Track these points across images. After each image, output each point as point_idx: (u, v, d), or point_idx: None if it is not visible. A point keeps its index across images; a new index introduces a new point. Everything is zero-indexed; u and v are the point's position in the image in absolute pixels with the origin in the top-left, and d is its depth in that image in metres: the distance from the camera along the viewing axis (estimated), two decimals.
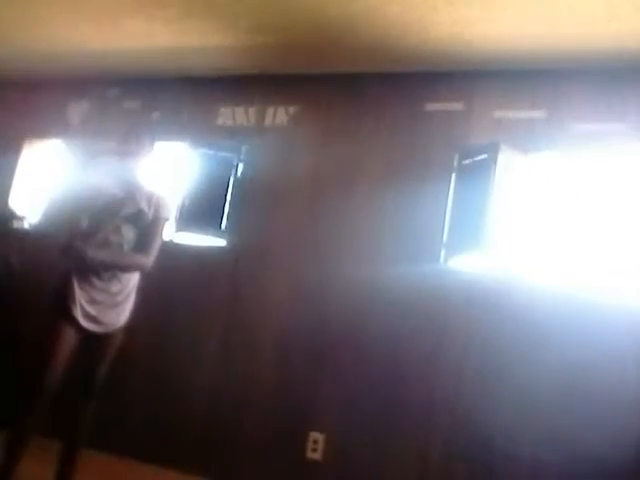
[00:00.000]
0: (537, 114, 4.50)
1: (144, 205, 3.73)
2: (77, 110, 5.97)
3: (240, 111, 5.39)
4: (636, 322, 3.94)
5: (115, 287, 3.68)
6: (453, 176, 4.56)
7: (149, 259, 3.71)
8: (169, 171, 5.45)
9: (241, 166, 5.22)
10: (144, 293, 3.93)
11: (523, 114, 4.53)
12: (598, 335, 3.98)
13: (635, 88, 4.28)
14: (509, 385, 4.11)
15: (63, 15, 4.84)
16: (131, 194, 3.74)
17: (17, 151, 6.16)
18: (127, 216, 3.68)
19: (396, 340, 4.49)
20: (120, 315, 3.73)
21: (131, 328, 3.82)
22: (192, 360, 5.02)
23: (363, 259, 4.70)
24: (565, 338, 4.05)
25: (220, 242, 5.14)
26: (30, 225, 5.82)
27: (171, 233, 5.15)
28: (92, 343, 3.65)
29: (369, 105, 4.99)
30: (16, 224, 5.79)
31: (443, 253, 4.47)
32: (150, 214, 3.74)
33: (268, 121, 5.28)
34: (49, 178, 6.00)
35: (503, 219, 4.29)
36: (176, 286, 5.15)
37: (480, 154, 4.41)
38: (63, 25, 5.00)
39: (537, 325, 4.14)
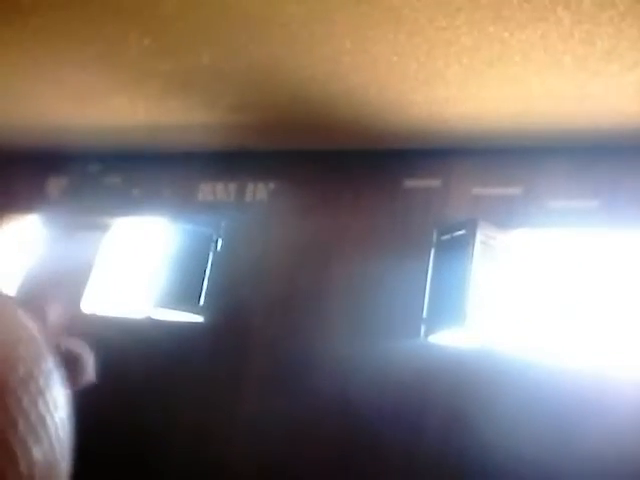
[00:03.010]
0: (514, 191, 4.56)
1: None
2: (57, 185, 5.98)
3: (220, 187, 5.42)
4: (621, 393, 3.92)
5: None
6: (432, 251, 4.58)
7: None
8: (148, 247, 5.44)
9: (220, 242, 5.22)
10: (116, 373, 3.86)
11: (500, 191, 4.60)
12: (583, 406, 3.95)
13: (608, 166, 4.37)
14: (494, 461, 4.03)
15: (46, 91, 4.89)
16: None
17: None
18: None
19: (377, 415, 4.41)
20: None
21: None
22: (163, 444, 4.89)
23: (343, 334, 4.67)
24: (550, 410, 4.01)
25: (198, 318, 5.09)
26: None
27: (149, 309, 5.10)
28: None
29: (348, 181, 5.04)
30: None
31: (423, 328, 4.45)
32: None
33: (248, 197, 5.31)
34: (26, 253, 5.95)
35: (482, 294, 4.29)
36: (151, 365, 5.06)
37: (459, 230, 4.45)
38: (46, 101, 5.05)
39: (521, 398, 4.10)
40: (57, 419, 0.49)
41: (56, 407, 0.49)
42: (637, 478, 3.76)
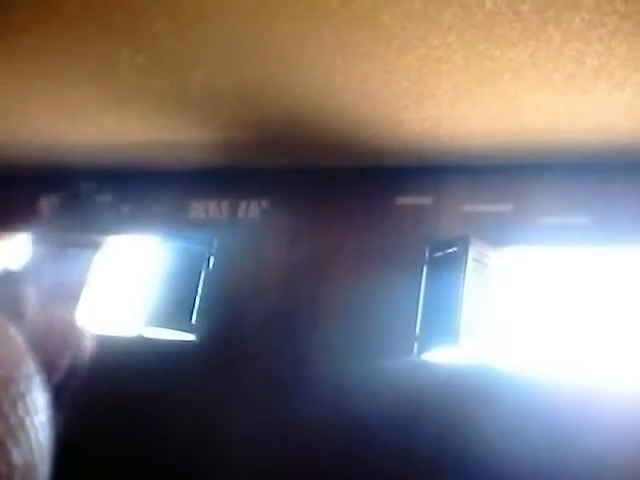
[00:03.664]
0: (505, 208, 4.58)
1: None
2: (47, 203, 5.95)
3: (213, 205, 5.42)
4: (616, 409, 3.91)
5: None
6: (424, 269, 4.58)
7: None
8: (139, 265, 5.42)
9: (213, 259, 5.21)
10: (107, 391, 3.83)
11: (491, 208, 4.61)
12: (577, 422, 3.94)
13: (599, 182, 4.39)
14: (487, 478, 4.02)
15: (37, 109, 4.89)
16: None
17: None
18: None
19: (370, 434, 4.39)
20: None
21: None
22: (156, 461, 4.85)
23: (336, 352, 4.65)
24: (544, 427, 4.00)
25: (190, 337, 5.06)
26: None
27: (140, 327, 5.07)
28: None
29: (341, 198, 5.05)
30: None
31: (416, 346, 4.44)
32: None
33: (241, 215, 5.31)
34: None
35: (475, 311, 4.29)
36: (142, 383, 5.03)
37: (451, 247, 4.45)
38: (37, 119, 5.05)
39: (514, 415, 4.09)
40: (37, 422, 0.49)
41: (36, 410, 0.49)
42: None
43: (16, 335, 0.51)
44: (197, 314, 5.07)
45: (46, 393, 0.51)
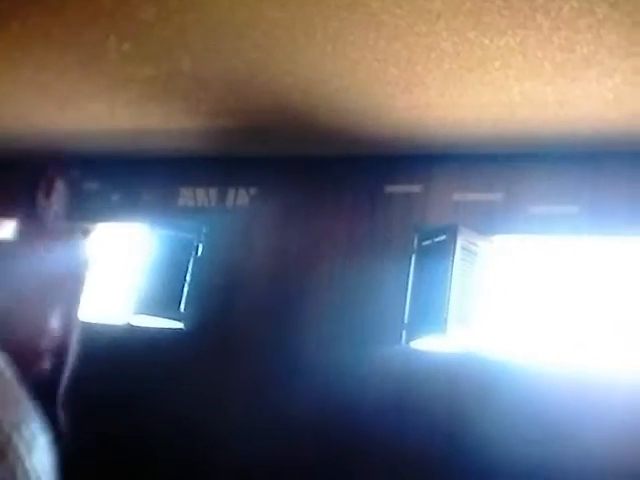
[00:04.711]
0: (494, 197, 4.58)
1: None
2: (35, 190, 5.92)
3: (201, 192, 5.39)
4: (607, 396, 3.94)
5: None
6: (413, 257, 4.58)
7: None
8: (127, 252, 5.40)
9: (201, 247, 5.19)
10: (95, 380, 3.81)
11: (481, 197, 4.61)
12: (567, 410, 3.96)
13: (588, 171, 4.40)
14: (477, 467, 4.04)
15: (25, 96, 4.85)
16: None
17: None
18: None
19: (358, 422, 4.41)
20: None
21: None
22: (145, 451, 4.85)
23: (325, 339, 4.66)
24: (534, 414, 4.03)
25: (178, 325, 5.06)
26: None
27: (128, 316, 5.06)
28: None
29: (329, 187, 5.04)
30: None
31: (404, 334, 4.45)
32: None
33: (229, 202, 5.29)
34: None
35: (463, 300, 4.30)
36: (131, 372, 5.02)
37: (439, 235, 4.46)
38: (24, 106, 5.01)
39: (503, 403, 4.11)
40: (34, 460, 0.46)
41: (37, 476, 0.46)
42: None
43: (19, 390, 0.49)
44: (186, 302, 5.07)
45: (51, 455, 0.49)
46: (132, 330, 5.05)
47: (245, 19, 3.62)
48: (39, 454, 0.47)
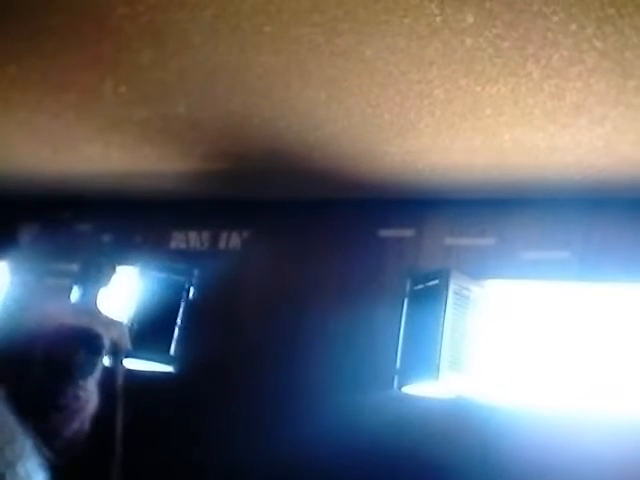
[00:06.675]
0: (486, 242, 4.60)
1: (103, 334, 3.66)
2: (28, 231, 5.91)
3: (193, 235, 5.40)
4: (600, 442, 3.91)
5: None
6: (405, 301, 4.58)
7: None
8: (118, 295, 5.37)
9: (193, 290, 5.17)
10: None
11: (473, 241, 4.63)
12: (559, 455, 3.93)
13: (579, 217, 4.43)
14: None
15: (19, 138, 4.87)
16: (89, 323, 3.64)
17: None
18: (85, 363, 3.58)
19: (349, 467, 4.35)
20: None
21: None
22: None
23: (316, 384, 4.62)
24: (526, 461, 3.99)
25: (168, 368, 5.01)
26: None
27: None
28: None
29: (322, 230, 5.05)
30: None
31: (396, 379, 4.42)
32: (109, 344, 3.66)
33: (221, 245, 5.29)
34: None
35: (456, 345, 4.28)
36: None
37: (432, 280, 4.46)
38: (19, 147, 5.02)
39: (495, 449, 4.07)
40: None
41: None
42: None
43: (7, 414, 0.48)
44: (176, 345, 5.02)
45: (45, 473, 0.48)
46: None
47: (241, 64, 3.66)
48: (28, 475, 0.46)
